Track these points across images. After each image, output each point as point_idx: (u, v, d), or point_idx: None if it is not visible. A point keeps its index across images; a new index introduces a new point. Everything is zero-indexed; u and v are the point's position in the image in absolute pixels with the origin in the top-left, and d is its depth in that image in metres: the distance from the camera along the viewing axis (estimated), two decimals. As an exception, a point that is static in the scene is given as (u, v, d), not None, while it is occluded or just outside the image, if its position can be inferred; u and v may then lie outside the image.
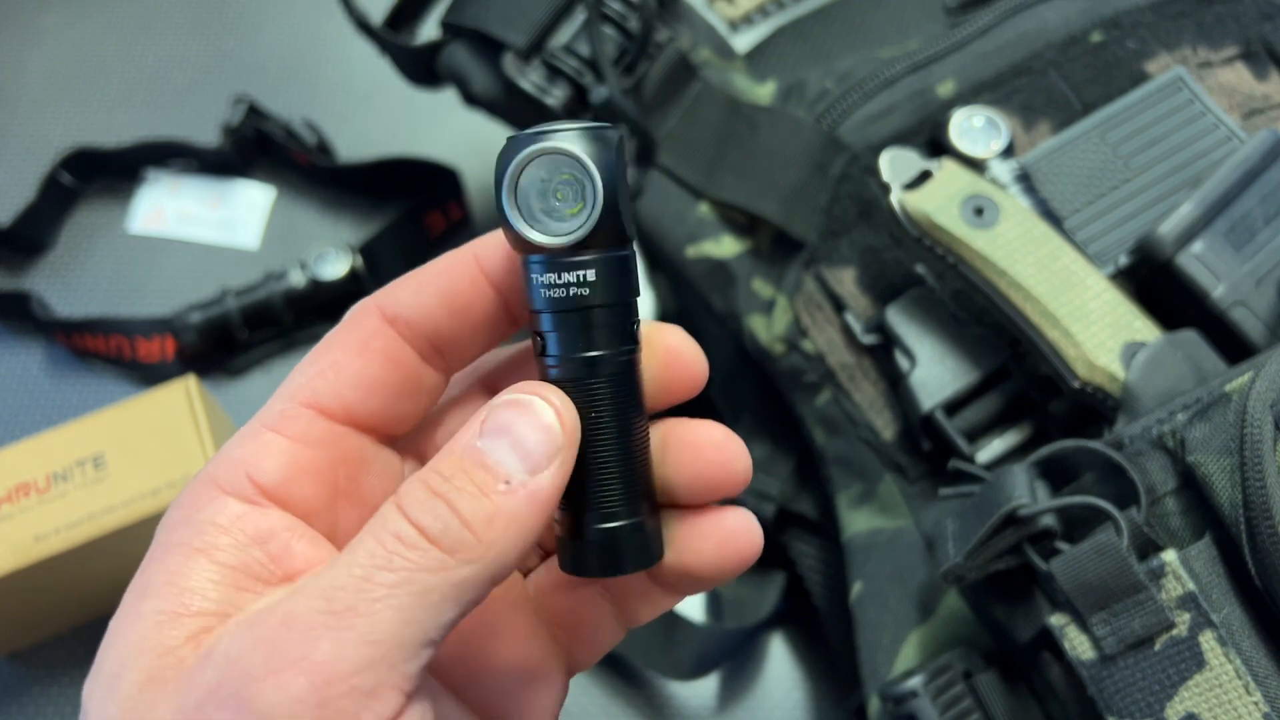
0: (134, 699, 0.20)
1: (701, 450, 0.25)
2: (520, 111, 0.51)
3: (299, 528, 0.23)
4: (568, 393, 0.23)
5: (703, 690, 0.55)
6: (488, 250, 0.24)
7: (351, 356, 0.24)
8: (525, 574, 0.27)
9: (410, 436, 0.26)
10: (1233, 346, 0.39)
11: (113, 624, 0.22)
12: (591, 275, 0.23)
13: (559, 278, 0.22)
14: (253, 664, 0.19)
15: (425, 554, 0.20)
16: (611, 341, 0.23)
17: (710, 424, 0.25)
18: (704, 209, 0.50)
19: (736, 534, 0.25)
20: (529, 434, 0.22)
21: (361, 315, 0.24)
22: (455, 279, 0.24)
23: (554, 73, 0.50)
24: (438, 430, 0.26)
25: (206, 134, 0.70)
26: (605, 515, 0.23)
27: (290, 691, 0.19)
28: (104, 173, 0.69)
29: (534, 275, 0.23)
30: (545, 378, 0.23)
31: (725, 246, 0.49)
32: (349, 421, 0.24)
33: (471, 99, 0.53)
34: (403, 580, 0.20)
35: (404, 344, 0.24)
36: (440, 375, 0.25)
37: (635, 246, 0.24)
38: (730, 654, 0.54)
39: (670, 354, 0.25)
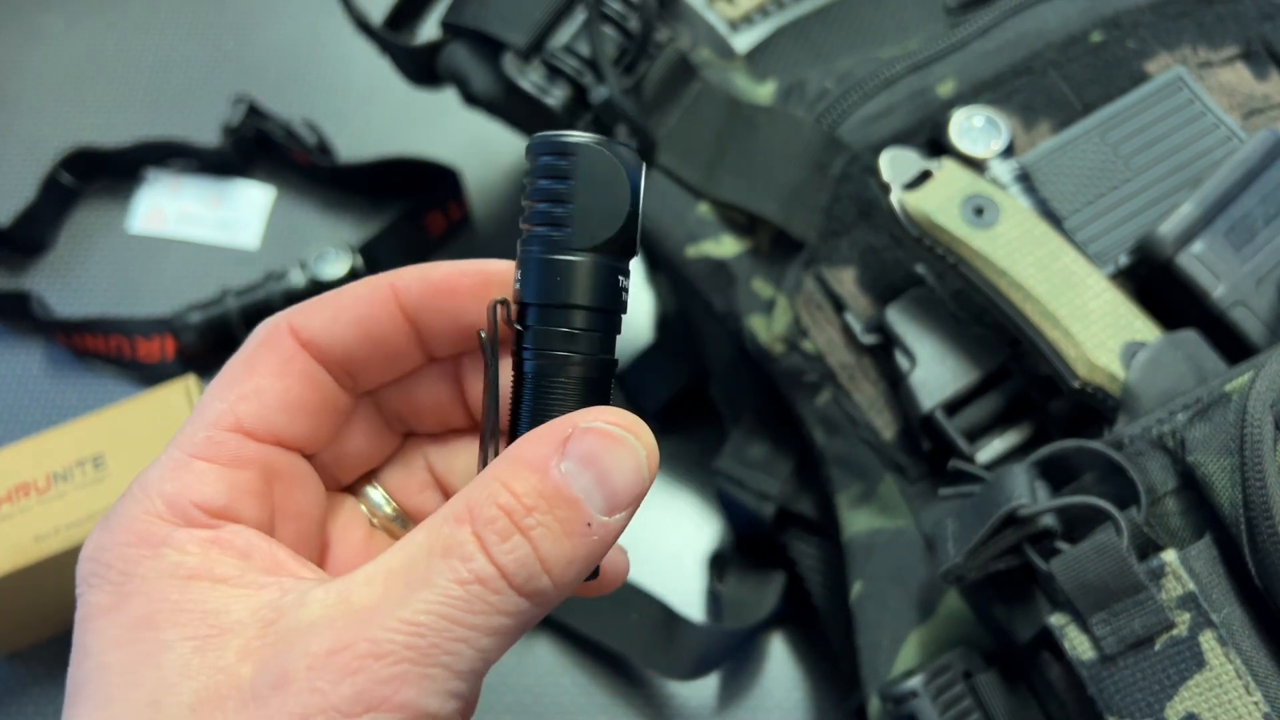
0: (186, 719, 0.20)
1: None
2: (520, 111, 0.51)
3: (265, 537, 0.23)
4: (539, 384, 0.23)
5: (703, 690, 0.55)
6: (407, 283, 0.24)
7: (273, 379, 0.24)
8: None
9: (327, 452, 0.26)
10: (1233, 346, 0.39)
11: (112, 658, 0.21)
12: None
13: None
14: (341, 695, 0.19)
15: (507, 599, 0.20)
16: (592, 349, 0.23)
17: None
18: (704, 209, 0.50)
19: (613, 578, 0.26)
20: (618, 473, 0.21)
21: (276, 337, 0.24)
22: (372, 308, 0.24)
23: (554, 73, 0.50)
24: (342, 444, 0.26)
25: (206, 134, 0.70)
26: None
27: None
28: (104, 173, 0.69)
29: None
30: (518, 364, 0.23)
31: (725, 246, 0.49)
32: (274, 441, 0.24)
33: (471, 99, 0.53)
34: (484, 622, 0.20)
35: (317, 366, 0.24)
36: (350, 397, 0.25)
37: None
38: (730, 654, 0.54)
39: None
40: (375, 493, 0.27)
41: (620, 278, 0.23)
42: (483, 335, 0.24)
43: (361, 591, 0.21)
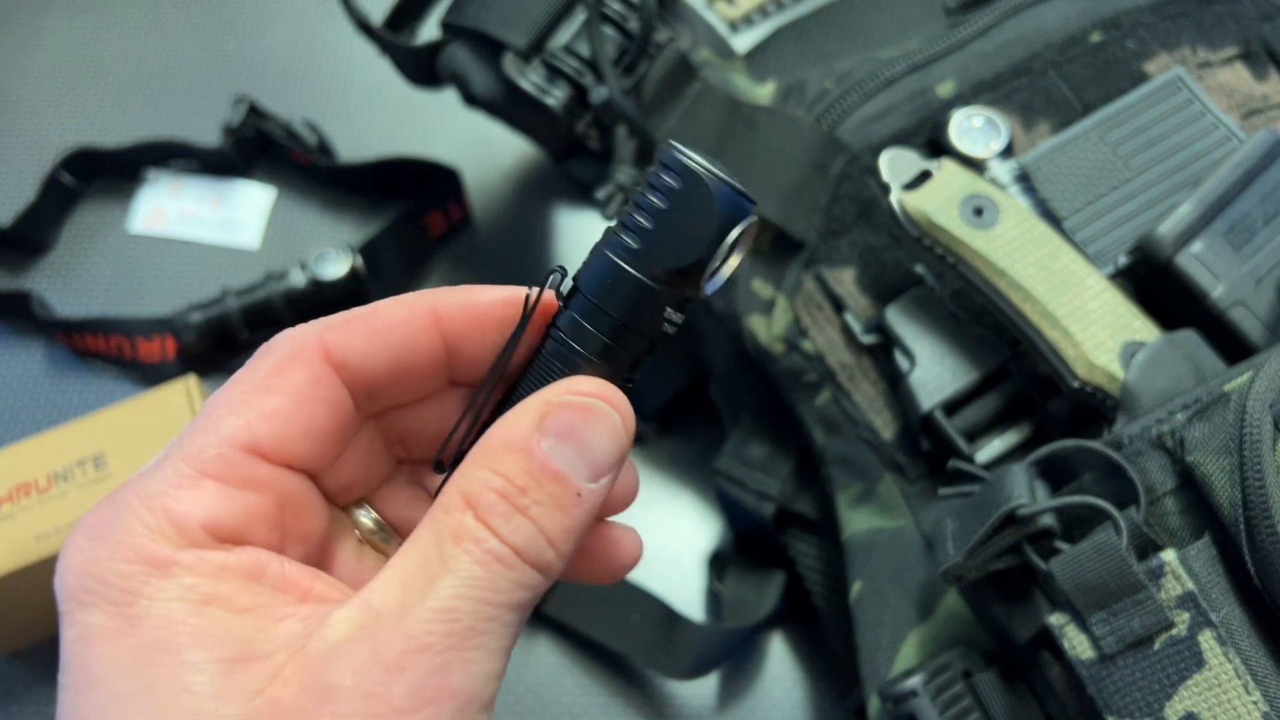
0: None
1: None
2: (520, 112, 0.51)
3: (275, 556, 0.22)
4: (558, 356, 0.23)
5: (703, 690, 0.55)
6: (451, 310, 0.24)
7: (299, 403, 0.23)
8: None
9: (328, 473, 0.25)
10: (1232, 346, 0.39)
11: (124, 684, 0.20)
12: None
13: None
14: (394, 695, 0.20)
15: (522, 573, 0.21)
16: (628, 369, 0.24)
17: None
18: (704, 209, 0.50)
19: (624, 554, 0.26)
20: (598, 442, 0.22)
21: (306, 354, 0.23)
22: (412, 334, 0.24)
23: (554, 73, 0.50)
24: (343, 466, 0.25)
25: (207, 134, 0.70)
26: None
27: (438, 718, 0.20)
28: (105, 173, 0.70)
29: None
30: (544, 337, 0.23)
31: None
32: (284, 464, 0.23)
33: (471, 99, 0.53)
34: (509, 599, 0.21)
35: (344, 390, 0.23)
36: (361, 420, 0.25)
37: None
38: (730, 654, 0.54)
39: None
40: (360, 509, 0.26)
41: (669, 309, 0.23)
42: (529, 294, 0.24)
43: (383, 597, 0.21)
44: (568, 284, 0.24)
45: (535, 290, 0.24)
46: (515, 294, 0.24)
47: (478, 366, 0.25)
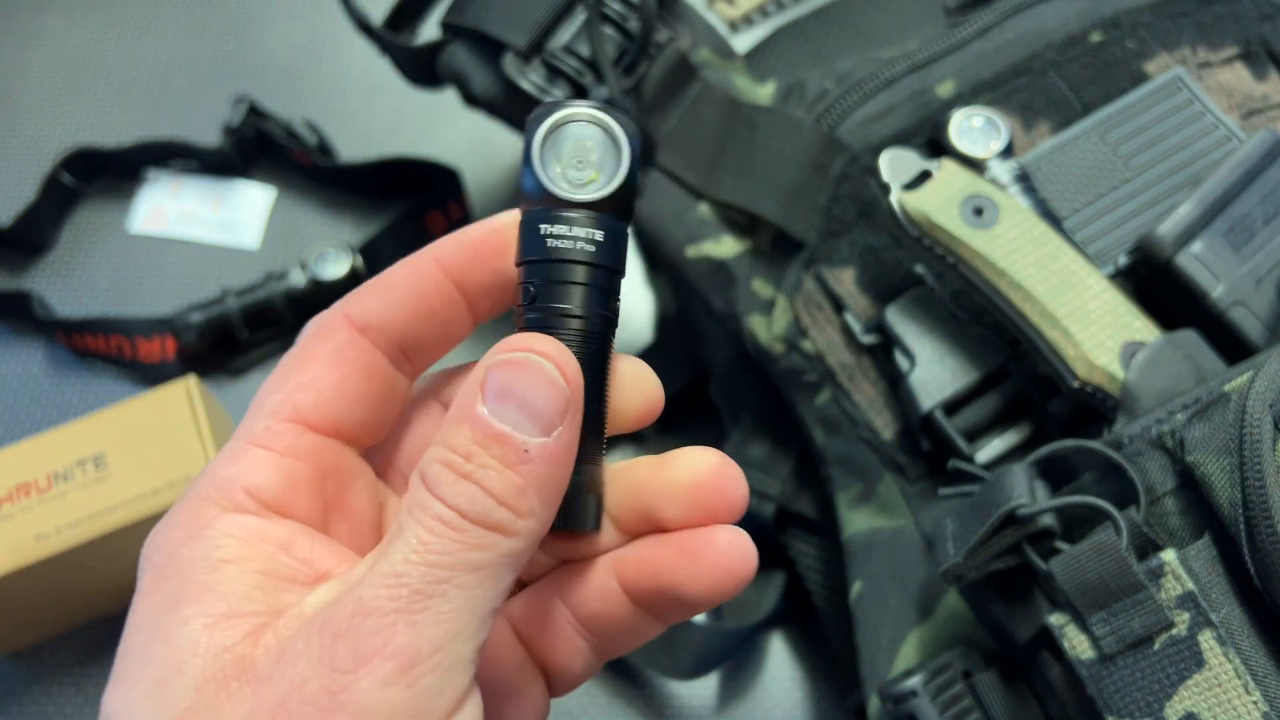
0: (190, 700, 0.20)
1: (697, 475, 0.24)
2: (520, 112, 0.51)
3: (311, 532, 0.23)
4: (543, 327, 0.23)
5: (703, 690, 0.55)
6: (449, 251, 0.25)
7: (329, 369, 0.24)
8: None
9: (380, 447, 0.26)
10: (1232, 346, 0.39)
11: (136, 637, 0.22)
12: (599, 236, 0.24)
13: (569, 230, 0.24)
14: (338, 656, 0.20)
15: (473, 534, 0.21)
16: (595, 304, 0.24)
17: (707, 451, 0.25)
18: (704, 209, 0.50)
19: (729, 553, 0.24)
20: (536, 394, 0.22)
21: (331, 327, 0.24)
22: (420, 282, 0.25)
23: (554, 73, 0.50)
24: (402, 436, 0.27)
25: (207, 134, 0.70)
26: None
27: (379, 677, 0.20)
28: (105, 173, 0.70)
29: (543, 227, 0.24)
30: (524, 329, 0.24)
31: (725, 247, 0.49)
32: (333, 434, 0.24)
33: (471, 99, 0.53)
34: (459, 560, 0.21)
35: (377, 352, 0.24)
36: (408, 380, 0.26)
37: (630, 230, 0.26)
38: (730, 654, 0.54)
39: (629, 381, 0.26)
40: None
41: (549, 227, 0.24)
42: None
43: (356, 571, 0.22)
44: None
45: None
46: (502, 220, 0.25)
47: (493, 299, 0.26)
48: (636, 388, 0.26)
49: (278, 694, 0.20)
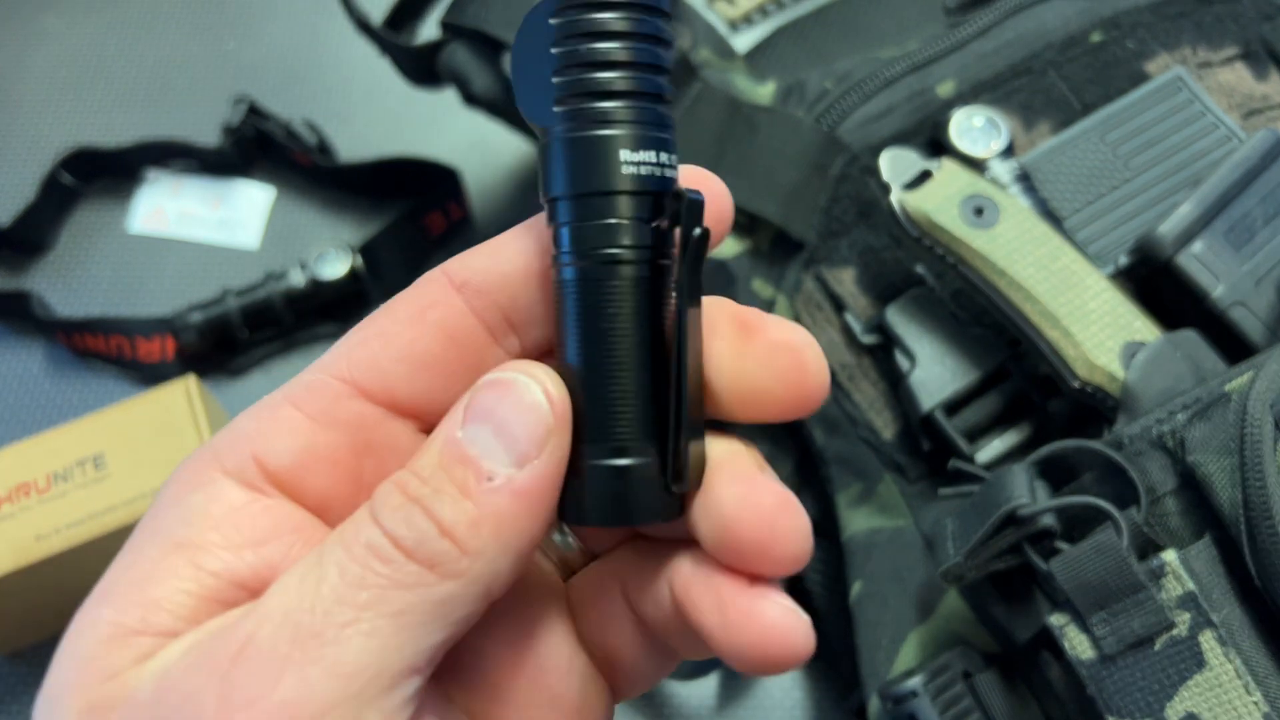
0: None
1: (747, 516, 0.20)
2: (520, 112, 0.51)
3: (306, 528, 0.20)
4: (582, 297, 0.19)
5: (703, 690, 0.55)
6: None
7: (403, 326, 0.20)
8: (565, 578, 0.23)
9: None
10: (1232, 346, 0.39)
11: (71, 625, 0.19)
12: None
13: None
14: (203, 703, 0.17)
15: (399, 568, 0.17)
16: (634, 237, 0.19)
17: (769, 487, 0.20)
18: (704, 209, 0.50)
19: (773, 632, 0.19)
20: (513, 417, 0.18)
21: (425, 282, 0.20)
22: (541, 236, 0.20)
23: (554, 73, 0.50)
24: None
25: (207, 134, 0.70)
26: (612, 449, 0.19)
27: None
28: (104, 173, 0.70)
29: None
30: (558, 280, 0.20)
31: (725, 246, 0.49)
32: (388, 403, 0.20)
33: (471, 99, 0.53)
34: (375, 599, 0.17)
35: (470, 316, 0.20)
36: (507, 357, 0.21)
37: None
38: (730, 654, 0.54)
39: (779, 352, 0.20)
40: None
41: (657, 151, 0.20)
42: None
43: (269, 592, 0.18)
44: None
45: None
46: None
47: None
48: (783, 360, 0.20)
49: None
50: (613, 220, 0.19)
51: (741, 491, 0.20)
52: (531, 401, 0.19)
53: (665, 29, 0.20)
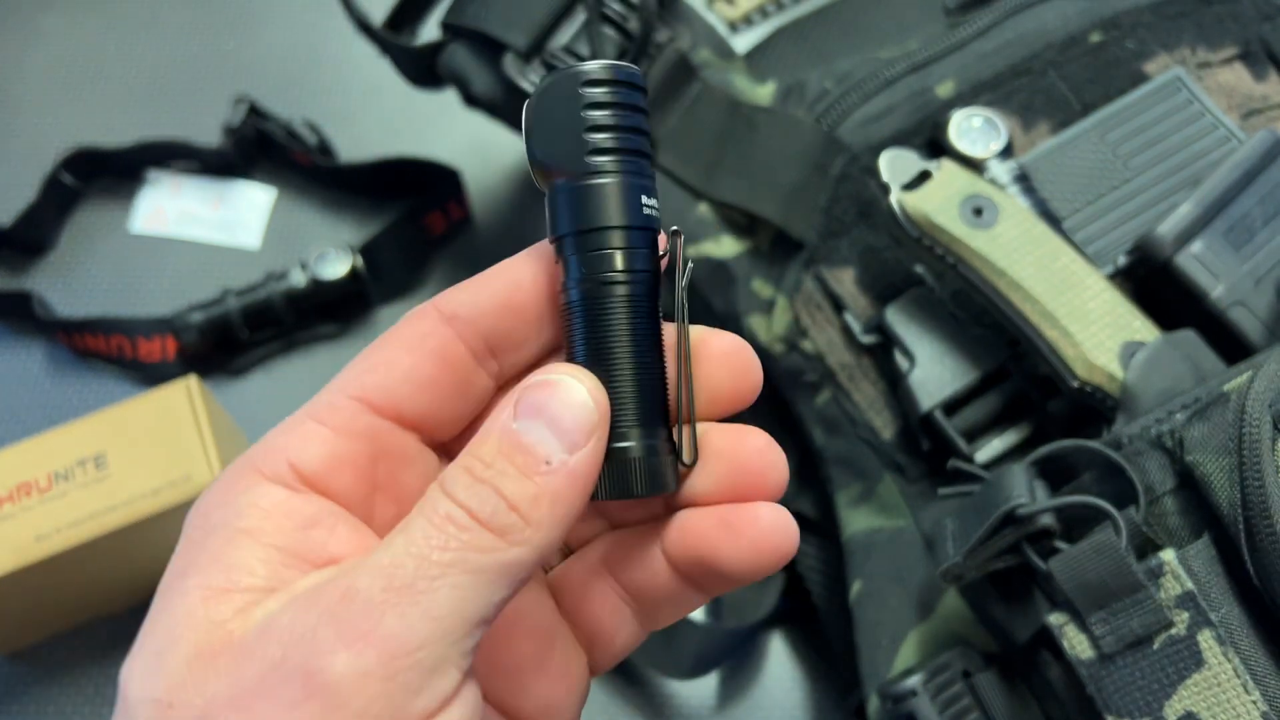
0: (181, 675, 0.20)
1: (741, 454, 0.25)
2: (520, 113, 0.51)
3: (341, 514, 0.23)
4: (588, 310, 0.24)
5: (703, 690, 0.55)
6: (549, 250, 0.25)
7: (404, 353, 0.24)
8: (546, 570, 0.27)
9: (457, 442, 0.26)
10: (1231, 346, 0.39)
11: (154, 604, 0.22)
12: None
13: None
14: (320, 637, 0.20)
15: (477, 535, 0.21)
16: (631, 262, 0.24)
17: (753, 431, 0.25)
18: (704, 209, 0.50)
19: (771, 530, 0.24)
20: (565, 413, 0.22)
21: (419, 315, 0.24)
22: (517, 274, 0.25)
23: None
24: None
25: (207, 134, 0.70)
26: (642, 433, 0.24)
27: (360, 664, 0.19)
28: (105, 173, 0.70)
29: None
30: (567, 301, 0.24)
31: (725, 246, 0.50)
32: (395, 417, 0.24)
33: (472, 100, 0.53)
34: (457, 560, 0.21)
35: (458, 343, 0.24)
36: (491, 380, 0.25)
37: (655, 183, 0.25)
38: (730, 654, 0.54)
39: (721, 359, 0.25)
40: None
41: (644, 196, 0.24)
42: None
43: (358, 558, 0.22)
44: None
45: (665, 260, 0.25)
46: None
47: None
48: (727, 364, 0.26)
49: (257, 671, 0.20)
50: (638, 248, 0.24)
51: (736, 437, 0.25)
52: (580, 398, 0.22)
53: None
